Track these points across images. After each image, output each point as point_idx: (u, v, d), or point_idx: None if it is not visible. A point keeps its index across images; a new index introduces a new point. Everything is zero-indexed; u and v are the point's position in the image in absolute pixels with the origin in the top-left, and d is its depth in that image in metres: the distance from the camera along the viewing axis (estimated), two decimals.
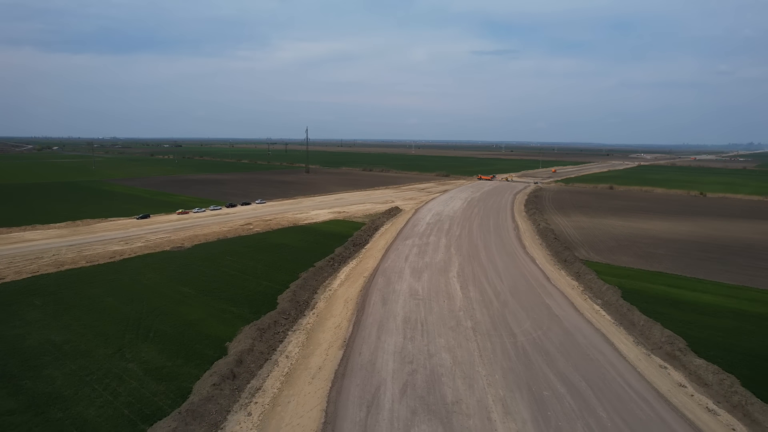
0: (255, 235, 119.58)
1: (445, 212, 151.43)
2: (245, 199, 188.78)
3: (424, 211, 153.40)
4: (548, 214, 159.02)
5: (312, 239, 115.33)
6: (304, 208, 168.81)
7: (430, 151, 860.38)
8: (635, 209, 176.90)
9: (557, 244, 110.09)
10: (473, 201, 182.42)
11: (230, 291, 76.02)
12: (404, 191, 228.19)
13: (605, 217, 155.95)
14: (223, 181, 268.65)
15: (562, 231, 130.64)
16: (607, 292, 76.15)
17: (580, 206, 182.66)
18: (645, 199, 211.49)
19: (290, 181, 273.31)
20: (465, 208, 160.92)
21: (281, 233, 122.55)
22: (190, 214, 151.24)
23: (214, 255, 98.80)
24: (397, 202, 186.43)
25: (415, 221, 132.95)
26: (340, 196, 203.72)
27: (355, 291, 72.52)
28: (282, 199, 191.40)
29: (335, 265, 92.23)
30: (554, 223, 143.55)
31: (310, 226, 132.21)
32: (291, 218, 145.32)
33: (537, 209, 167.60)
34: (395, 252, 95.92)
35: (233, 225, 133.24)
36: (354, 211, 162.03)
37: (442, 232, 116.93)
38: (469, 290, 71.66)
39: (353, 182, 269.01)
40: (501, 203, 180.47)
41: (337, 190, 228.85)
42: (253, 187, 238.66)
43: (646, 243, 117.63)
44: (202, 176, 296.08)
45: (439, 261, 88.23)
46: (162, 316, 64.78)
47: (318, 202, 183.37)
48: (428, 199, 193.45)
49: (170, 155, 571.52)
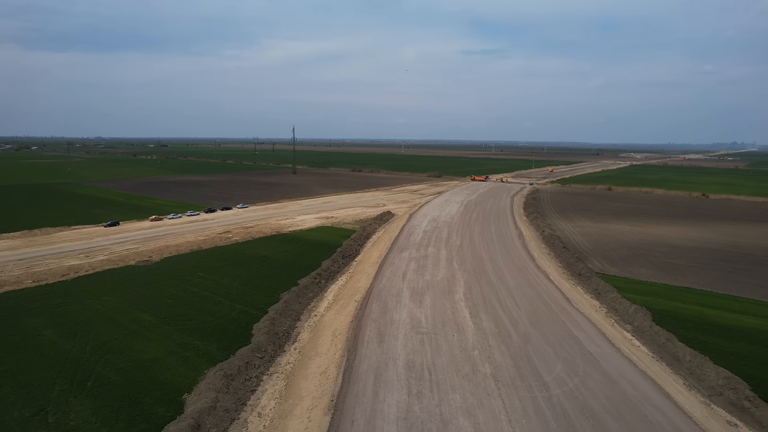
0: (233, 246, 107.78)
1: (441, 217, 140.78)
2: (226, 203, 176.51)
3: (419, 217, 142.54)
4: (551, 219, 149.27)
5: (296, 250, 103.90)
6: (289, 212, 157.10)
7: (420, 151, 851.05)
8: (639, 212, 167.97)
9: (567, 255, 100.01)
10: (470, 204, 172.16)
11: (198, 318, 64.47)
12: (396, 193, 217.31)
13: (611, 222, 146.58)
14: (205, 182, 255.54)
15: (569, 238, 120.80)
16: (636, 316, 65.99)
17: (581, 209, 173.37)
18: (646, 201, 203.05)
19: (276, 182, 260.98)
20: (462, 213, 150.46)
21: (262, 243, 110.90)
22: (164, 221, 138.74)
23: (184, 270, 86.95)
24: (388, 206, 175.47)
25: (410, 229, 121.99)
26: (328, 199, 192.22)
27: (345, 320, 61.23)
28: (266, 203, 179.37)
29: (322, 282, 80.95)
30: (558, 228, 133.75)
31: (294, 234, 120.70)
32: (274, 225, 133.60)
33: (538, 213, 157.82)
34: (390, 267, 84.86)
35: (210, 233, 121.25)
36: (343, 216, 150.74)
37: (441, 241, 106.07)
38: (480, 318, 60.72)
39: (342, 184, 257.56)
40: (499, 206, 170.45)
41: (324, 192, 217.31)
42: (236, 189, 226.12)
43: (662, 251, 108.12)
44: (184, 178, 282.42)
45: (441, 279, 77.40)
46: (110, 354, 53.10)
47: (304, 206, 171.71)
48: (422, 202, 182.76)
49: (153, 155, 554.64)
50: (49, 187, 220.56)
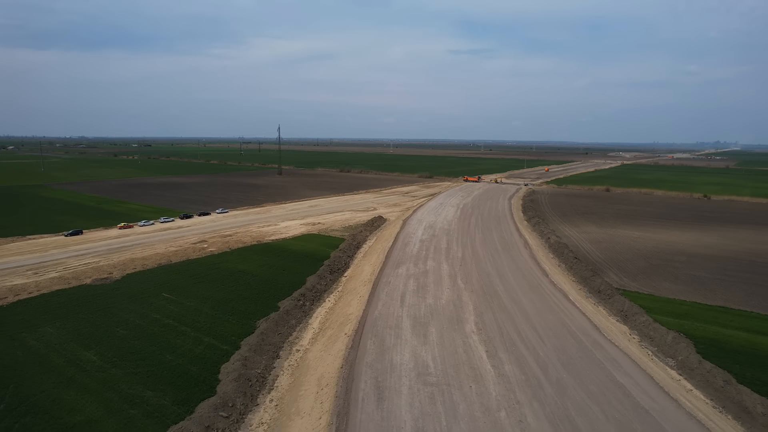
0: (208, 259, 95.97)
1: (438, 224, 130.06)
2: (205, 207, 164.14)
3: (413, 223, 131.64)
4: (554, 224, 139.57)
5: (278, 263, 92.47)
6: (272, 218, 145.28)
7: (409, 150, 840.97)
8: (644, 215, 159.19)
9: (581, 267, 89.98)
10: (466, 208, 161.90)
11: (154, 356, 53.00)
12: (386, 195, 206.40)
13: (617, 226, 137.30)
14: (186, 185, 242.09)
15: (577, 246, 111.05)
16: (676, 346, 55.93)
17: (583, 212, 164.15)
18: (648, 203, 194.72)
19: (260, 184, 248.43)
20: (460, 218, 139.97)
21: (241, 255, 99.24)
22: (134, 229, 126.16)
23: (147, 291, 75.12)
24: (379, 210, 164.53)
25: (405, 237, 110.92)
26: (315, 203, 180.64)
27: (334, 362, 49.86)
28: (248, 207, 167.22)
29: (306, 305, 69.73)
30: (564, 234, 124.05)
31: (277, 244, 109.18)
32: (255, 233, 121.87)
33: (539, 217, 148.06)
34: (386, 287, 73.46)
35: (183, 243, 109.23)
36: (331, 221, 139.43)
37: (440, 253, 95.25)
38: (500, 360, 49.53)
39: (330, 186, 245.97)
40: (498, 210, 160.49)
41: (311, 195, 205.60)
42: (217, 192, 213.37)
43: (680, 262, 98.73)
44: (164, 179, 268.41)
45: (446, 302, 66.40)
46: (29, 416, 41.51)
47: (289, 211, 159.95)
48: (415, 206, 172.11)
49: (135, 156, 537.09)
50: (14, 190, 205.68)
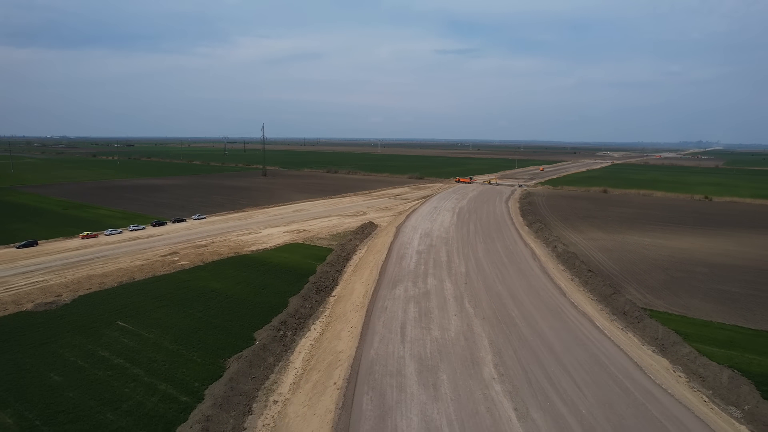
0: (177, 275, 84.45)
1: (435, 231, 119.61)
2: (182, 211, 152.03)
3: (408, 230, 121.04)
4: (557, 229, 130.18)
5: (257, 280, 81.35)
6: (254, 224, 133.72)
7: (397, 150, 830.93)
8: (649, 219, 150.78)
9: (597, 282, 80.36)
10: (463, 212, 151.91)
11: (90, 417, 41.73)
12: (376, 198, 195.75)
13: (624, 232, 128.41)
14: (164, 187, 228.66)
15: (587, 255, 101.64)
16: (736, 390, 46.28)
17: (584, 216, 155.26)
18: (649, 205, 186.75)
19: (243, 186, 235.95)
20: (458, 224, 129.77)
21: (215, 270, 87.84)
22: (98, 239, 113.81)
23: (99, 318, 63.55)
24: (370, 214, 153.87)
25: (400, 248, 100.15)
26: (301, 207, 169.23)
27: (321, 427, 39.04)
28: (228, 212, 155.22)
29: (288, 335, 58.84)
30: (570, 242, 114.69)
31: (257, 256, 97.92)
32: (234, 242, 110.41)
33: (540, 222, 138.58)
34: (383, 315, 62.30)
35: (152, 256, 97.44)
36: (317, 228, 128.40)
37: (441, 267, 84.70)
38: (535, 423, 38.18)
39: (316, 188, 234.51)
40: (496, 214, 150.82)
41: (297, 198, 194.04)
42: (197, 194, 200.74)
43: (703, 273, 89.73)
44: (141, 181, 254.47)
45: (456, 335, 55.52)
46: None
47: (272, 216, 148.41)
48: (407, 210, 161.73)
49: (115, 156, 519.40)
50: None
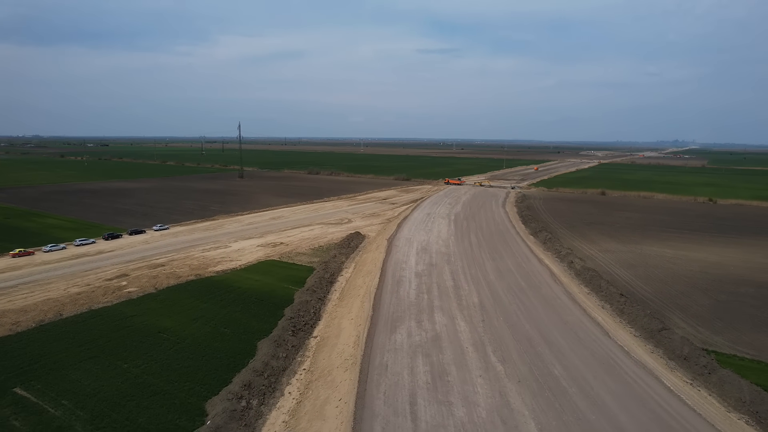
0: (120, 307, 67.77)
1: (432, 244, 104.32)
2: (144, 220, 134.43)
3: (401, 243, 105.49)
4: (566, 239, 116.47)
5: (219, 314, 65.23)
6: (223, 236, 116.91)
7: (380, 150, 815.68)
8: (660, 225, 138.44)
9: (635, 310, 66.31)
10: (459, 219, 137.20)
11: None
12: (362, 203, 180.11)
13: (640, 242, 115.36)
14: (130, 191, 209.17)
15: (610, 273, 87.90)
16: None
17: (591, 222, 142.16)
18: (653, 208, 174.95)
19: (217, 190, 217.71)
20: (456, 235, 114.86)
21: (170, 299, 71.35)
22: (34, 257, 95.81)
23: None
24: (356, 222, 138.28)
25: (395, 269, 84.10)
26: (279, 214, 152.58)
27: None
28: (196, 221, 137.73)
29: (251, 407, 42.93)
30: (585, 255, 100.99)
31: (223, 279, 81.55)
32: (197, 260, 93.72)
33: (546, 230, 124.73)
34: (382, 383, 45.22)
35: (94, 280, 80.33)
36: (296, 241, 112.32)
37: (448, 296, 69.18)
38: None
39: (297, 190, 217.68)
40: (496, 221, 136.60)
41: (275, 203, 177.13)
42: (165, 199, 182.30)
43: (750, 295, 76.63)
44: (106, 184, 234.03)
45: (488, 416, 39.23)
46: None
47: (246, 226, 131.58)
48: (397, 217, 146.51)
49: (85, 156, 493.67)
50: None
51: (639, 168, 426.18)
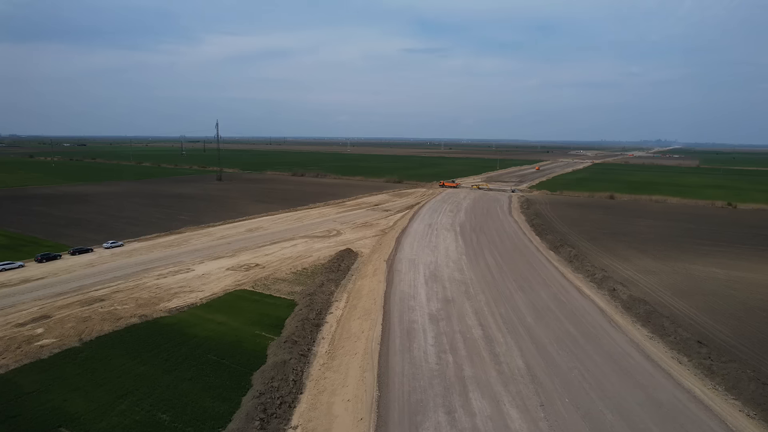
0: (15, 375, 48.20)
1: (442, 267, 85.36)
2: (100, 232, 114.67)
3: (404, 267, 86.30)
4: (593, 255, 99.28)
5: (160, 385, 46.21)
6: (187, 255, 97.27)
7: (367, 150, 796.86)
8: (690, 235, 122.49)
9: (732, 371, 49.00)
10: (466, 232, 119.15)
11: None
12: (352, 209, 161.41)
13: (680, 258, 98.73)
14: (93, 196, 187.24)
15: (663, 304, 70.74)
16: None
17: (612, 233, 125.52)
18: (673, 215, 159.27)
19: (190, 195, 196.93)
20: (468, 252, 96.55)
21: (94, 358, 51.95)
22: None
23: None
24: (346, 234, 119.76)
25: (401, 308, 64.28)
26: (257, 224, 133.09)
27: None
28: (157, 235, 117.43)
29: None
30: (622, 276, 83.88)
31: (176, 322, 62.29)
32: (148, 291, 74.17)
33: (566, 243, 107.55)
34: None
35: (1, 325, 60.52)
36: (276, 261, 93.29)
37: (480, 358, 48.40)
38: None
39: (279, 195, 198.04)
40: (508, 233, 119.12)
41: (254, 210, 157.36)
42: (130, 206, 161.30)
43: None
44: (69, 188, 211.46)
45: None
46: None
47: (217, 240, 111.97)
48: (393, 227, 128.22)
49: (56, 157, 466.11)
50: None
51: (635, 168, 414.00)
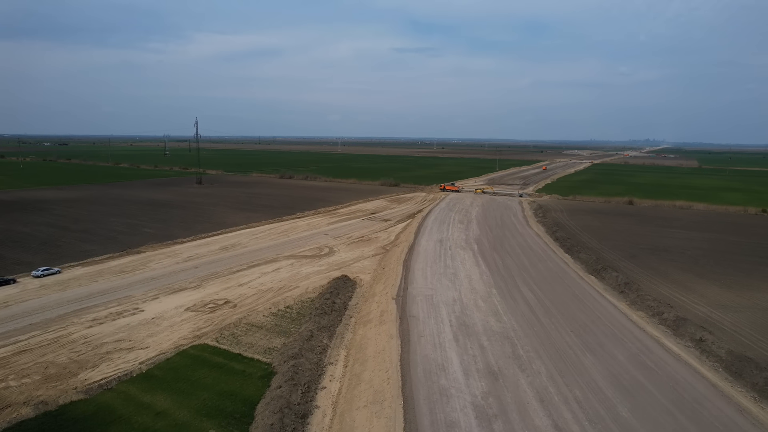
0: None
1: (471, 311, 63.93)
2: (33, 256, 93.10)
3: (421, 312, 64.68)
4: (643, 281, 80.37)
5: None
6: (141, 287, 76.47)
7: (359, 149, 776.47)
8: (748, 253, 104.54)
9: None
10: (485, 250, 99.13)
11: None
12: (345, 219, 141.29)
13: (753, 285, 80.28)
14: (50, 203, 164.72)
15: None
16: None
17: (653, 249, 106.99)
18: (709, 224, 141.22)
19: (164, 201, 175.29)
20: (497, 283, 75.50)
21: None
22: None
23: None
24: (340, 253, 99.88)
25: (430, 394, 42.02)
26: (234, 240, 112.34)
27: None
28: (110, 256, 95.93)
29: None
30: (696, 315, 64.93)
31: (92, 414, 41.79)
32: (69, 351, 53.58)
33: (609, 267, 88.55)
34: None
35: None
36: (252, 296, 72.93)
37: None
38: None
39: (264, 201, 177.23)
40: (535, 251, 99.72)
41: (233, 220, 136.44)
42: (89, 216, 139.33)
43: None
44: (25, 193, 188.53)
45: None
46: None
47: (182, 263, 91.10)
48: (397, 244, 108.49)
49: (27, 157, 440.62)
50: None
51: (637, 169, 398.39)
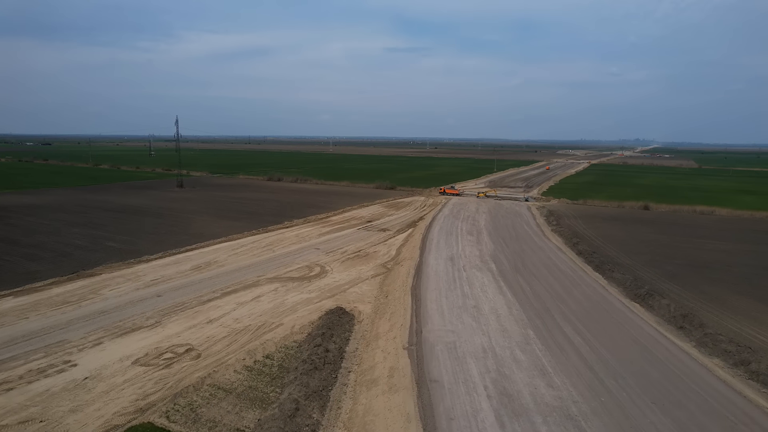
0: None
1: (508, 367, 46.80)
2: None
3: (443, 372, 47.48)
4: (699, 309, 66.33)
5: None
6: (80, 326, 60.50)
7: (350, 149, 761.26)
8: None
9: None
10: (506, 272, 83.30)
11: None
12: (339, 229, 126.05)
13: None
14: (8, 209, 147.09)
15: None
16: None
17: (689, 265, 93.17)
18: (741, 232, 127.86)
19: (138, 207, 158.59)
20: (534, 323, 59.26)
21: None
22: None
23: None
24: (333, 274, 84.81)
25: None
26: (211, 256, 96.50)
27: None
28: (55, 282, 79.32)
29: None
30: None
31: None
32: None
33: (655, 292, 74.37)
34: None
35: None
36: (222, 338, 57.52)
37: None
38: None
39: (248, 208, 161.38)
40: (564, 272, 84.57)
41: (212, 231, 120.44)
42: (48, 227, 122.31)
43: None
44: None
45: None
46: None
47: (142, 290, 75.18)
48: (400, 261, 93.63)
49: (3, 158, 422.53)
50: None
51: (637, 170, 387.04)
